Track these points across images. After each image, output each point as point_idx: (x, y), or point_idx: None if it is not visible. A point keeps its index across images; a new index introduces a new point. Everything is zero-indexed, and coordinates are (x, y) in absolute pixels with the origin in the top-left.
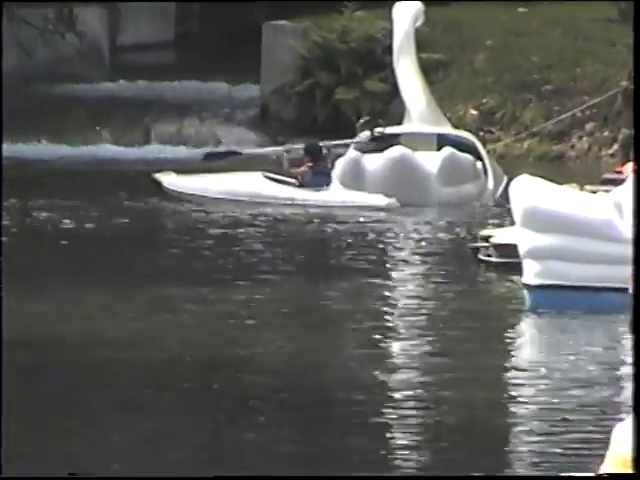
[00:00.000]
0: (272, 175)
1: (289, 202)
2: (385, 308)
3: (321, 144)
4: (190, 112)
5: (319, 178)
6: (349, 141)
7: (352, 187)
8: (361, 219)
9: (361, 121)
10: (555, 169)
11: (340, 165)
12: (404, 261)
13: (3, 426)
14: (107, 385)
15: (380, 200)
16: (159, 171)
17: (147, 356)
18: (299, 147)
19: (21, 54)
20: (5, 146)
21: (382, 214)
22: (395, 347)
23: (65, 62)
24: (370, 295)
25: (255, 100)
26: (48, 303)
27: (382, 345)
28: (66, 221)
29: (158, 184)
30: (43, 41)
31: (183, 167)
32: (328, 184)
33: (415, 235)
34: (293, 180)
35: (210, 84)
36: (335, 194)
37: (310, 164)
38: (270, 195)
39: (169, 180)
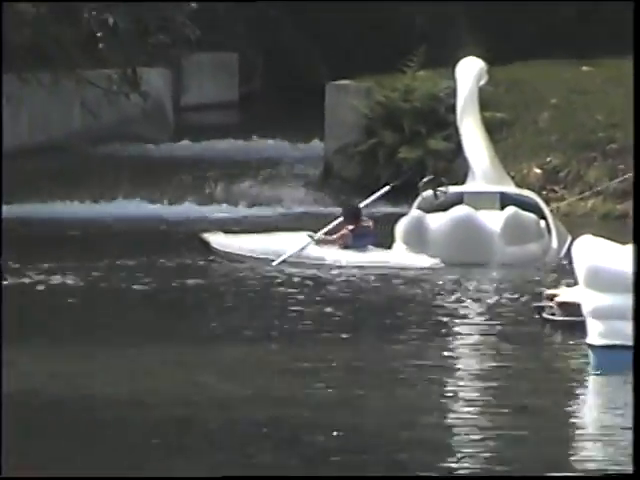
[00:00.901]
0: (315, 235)
1: (334, 264)
2: (449, 367)
3: (360, 204)
4: (253, 171)
5: (361, 239)
6: (381, 193)
7: (415, 246)
8: (423, 279)
9: (424, 180)
10: (619, 228)
11: (403, 224)
12: (468, 320)
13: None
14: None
15: (424, 261)
16: (207, 231)
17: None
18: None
19: (86, 115)
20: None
21: (444, 274)
22: (460, 407)
23: (130, 122)
24: (435, 355)
25: (318, 159)
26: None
27: (447, 404)
28: (122, 280)
29: (206, 244)
30: (108, 102)
31: (245, 227)
32: (371, 244)
33: (478, 294)
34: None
35: (274, 143)
36: (378, 255)
37: (350, 227)
38: (315, 257)
39: (217, 240)
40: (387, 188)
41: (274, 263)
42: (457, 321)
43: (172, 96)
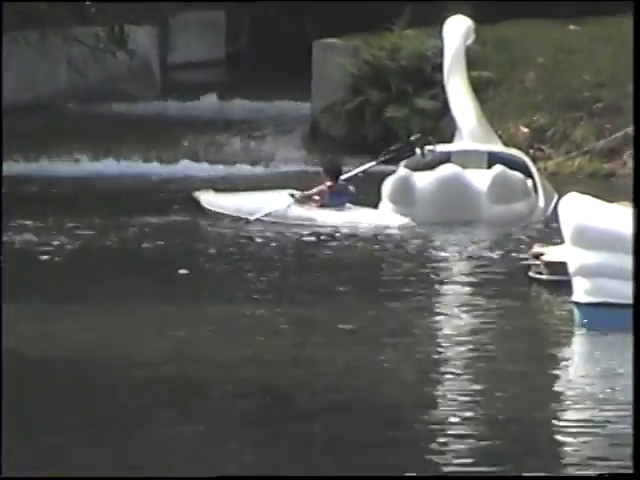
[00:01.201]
0: (297, 193)
1: (308, 223)
2: (434, 325)
3: (343, 176)
4: (240, 130)
5: (339, 197)
6: (369, 165)
7: (401, 205)
8: (405, 237)
9: (411, 139)
10: (606, 187)
11: (390, 183)
12: (453, 279)
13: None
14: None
15: (395, 220)
16: (196, 190)
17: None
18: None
19: (73, 73)
20: (48, 163)
21: (429, 232)
22: (443, 364)
23: (116, 81)
24: (420, 313)
25: (305, 118)
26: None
27: (431, 362)
28: (111, 240)
29: (197, 202)
30: (94, 60)
31: (232, 185)
32: (349, 202)
33: (464, 253)
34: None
35: (260, 102)
36: (353, 214)
37: (329, 183)
38: (293, 216)
39: (207, 198)
40: (373, 163)
41: (251, 218)
42: (439, 279)
43: (159, 54)
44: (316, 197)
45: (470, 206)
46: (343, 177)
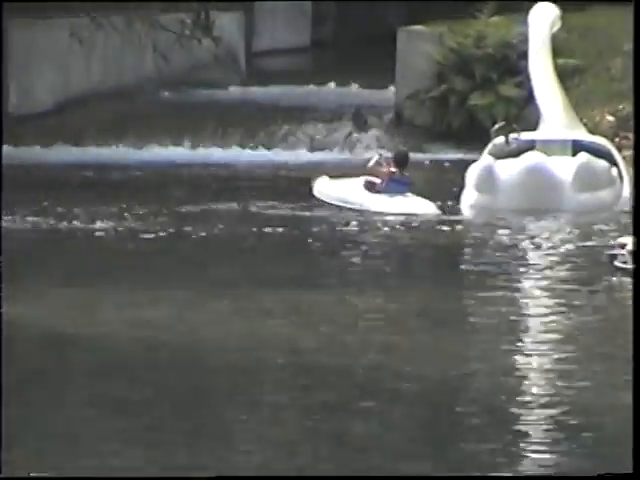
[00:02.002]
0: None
1: (356, 207)
2: (517, 315)
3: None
4: (325, 117)
5: (395, 186)
6: None
7: (486, 193)
8: (490, 224)
9: (496, 127)
10: None
11: (474, 171)
12: (538, 267)
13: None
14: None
15: (430, 209)
16: (302, 175)
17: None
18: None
19: (159, 59)
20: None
21: (513, 220)
22: (527, 356)
23: (202, 67)
24: (504, 301)
25: (390, 106)
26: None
27: (515, 352)
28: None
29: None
30: (180, 47)
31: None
32: (404, 193)
33: (550, 242)
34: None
35: (345, 89)
36: (398, 202)
37: (393, 170)
38: (353, 201)
39: (317, 186)
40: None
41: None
42: (524, 268)
43: (244, 41)
44: (377, 180)
45: (554, 194)
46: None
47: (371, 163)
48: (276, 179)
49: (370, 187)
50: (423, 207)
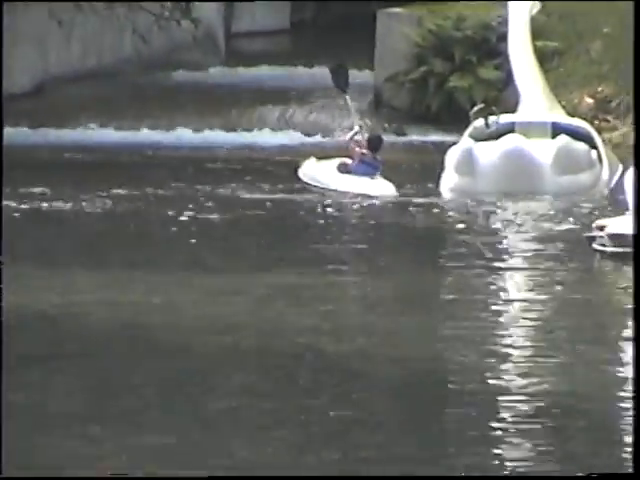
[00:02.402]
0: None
1: (326, 187)
2: (496, 296)
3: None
4: (303, 98)
5: (365, 168)
6: None
7: (465, 175)
8: (469, 206)
9: (475, 109)
10: None
11: (453, 153)
12: (516, 249)
13: None
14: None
15: (384, 190)
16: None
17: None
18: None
19: (138, 41)
20: (119, 132)
21: (492, 202)
22: (505, 336)
23: (181, 49)
24: (483, 282)
25: (369, 87)
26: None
27: (491, 335)
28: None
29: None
30: (159, 28)
31: (293, 153)
32: (372, 175)
33: (528, 224)
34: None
35: (324, 70)
36: (358, 182)
37: (364, 151)
38: (324, 181)
39: (302, 168)
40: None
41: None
42: (502, 250)
43: (224, 23)
44: (349, 161)
45: (534, 177)
46: None
47: (348, 135)
48: (256, 161)
49: (342, 168)
50: (383, 189)
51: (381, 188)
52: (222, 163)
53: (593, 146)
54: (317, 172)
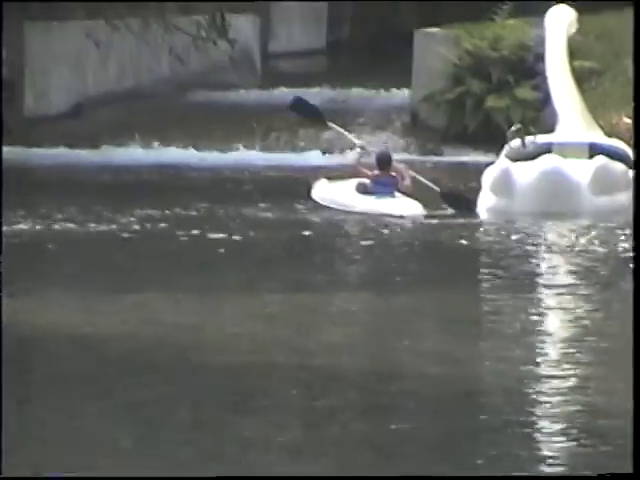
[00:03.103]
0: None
1: (347, 209)
2: (535, 316)
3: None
4: (340, 118)
5: (381, 187)
6: None
7: (502, 195)
8: (509, 226)
9: (512, 129)
10: None
11: (490, 173)
12: (554, 271)
13: None
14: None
15: (410, 210)
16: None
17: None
18: (372, 149)
19: (174, 62)
20: (157, 151)
21: (530, 223)
22: (543, 356)
23: (217, 69)
24: (523, 303)
25: (406, 107)
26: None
27: (531, 355)
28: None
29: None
30: (195, 48)
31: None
32: (390, 193)
33: (566, 244)
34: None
35: (361, 91)
36: (382, 202)
37: (376, 172)
38: (344, 202)
39: (315, 188)
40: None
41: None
42: (540, 270)
43: (260, 43)
44: (367, 182)
45: (571, 197)
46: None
47: (354, 159)
48: (280, 181)
49: (362, 189)
50: (409, 208)
51: (407, 207)
52: (255, 183)
53: (631, 166)
54: (336, 194)
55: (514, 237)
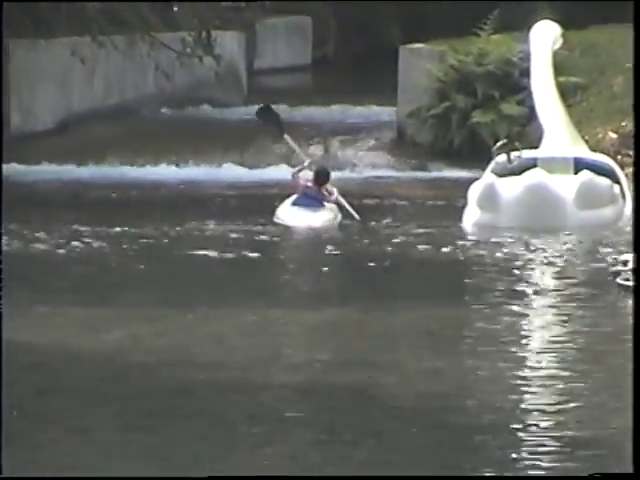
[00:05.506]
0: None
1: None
2: (517, 330)
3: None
4: (325, 135)
5: (306, 200)
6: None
7: (488, 211)
8: (492, 242)
9: (498, 144)
10: None
11: (476, 188)
12: (539, 285)
13: None
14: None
15: (320, 221)
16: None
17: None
18: (312, 165)
19: (160, 78)
20: (140, 168)
21: (514, 238)
22: (526, 370)
23: (203, 86)
24: (505, 317)
25: (391, 123)
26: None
27: (514, 367)
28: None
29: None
30: (181, 65)
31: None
32: (314, 207)
33: (550, 259)
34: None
35: (346, 107)
36: (293, 215)
37: (309, 184)
38: (279, 217)
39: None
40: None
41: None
42: (524, 285)
43: (246, 60)
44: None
45: (556, 212)
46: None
47: (294, 170)
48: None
49: (294, 202)
50: (324, 218)
51: (322, 217)
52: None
53: (616, 181)
54: (279, 209)
55: (499, 251)
